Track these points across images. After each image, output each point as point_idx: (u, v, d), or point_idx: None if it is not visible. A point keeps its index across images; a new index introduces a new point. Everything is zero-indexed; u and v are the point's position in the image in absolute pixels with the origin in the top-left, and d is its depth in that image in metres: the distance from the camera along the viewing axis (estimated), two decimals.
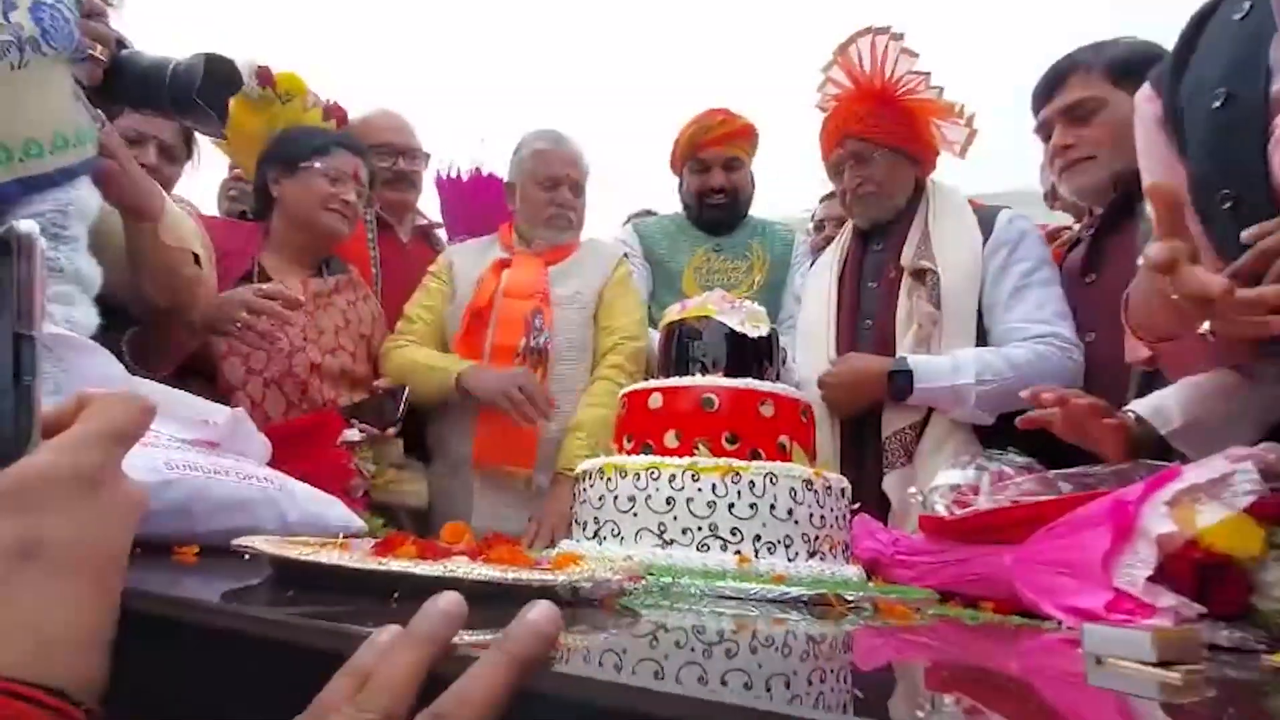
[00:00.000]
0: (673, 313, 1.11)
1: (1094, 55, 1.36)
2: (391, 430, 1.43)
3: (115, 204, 1.09)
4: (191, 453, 0.83)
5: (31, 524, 0.31)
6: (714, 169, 1.88)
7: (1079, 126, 1.35)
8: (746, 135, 1.91)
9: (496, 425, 1.54)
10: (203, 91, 1.09)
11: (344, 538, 0.72)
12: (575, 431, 1.57)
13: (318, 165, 1.48)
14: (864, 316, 1.56)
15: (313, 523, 0.89)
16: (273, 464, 1.19)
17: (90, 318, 0.94)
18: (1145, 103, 1.01)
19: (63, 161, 0.92)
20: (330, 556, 0.51)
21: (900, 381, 1.41)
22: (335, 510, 0.96)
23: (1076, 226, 1.67)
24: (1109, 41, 1.38)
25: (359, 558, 0.54)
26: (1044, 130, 1.41)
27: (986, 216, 1.53)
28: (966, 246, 1.48)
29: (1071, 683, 0.52)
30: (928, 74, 1.51)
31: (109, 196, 1.05)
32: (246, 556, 0.65)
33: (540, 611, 0.33)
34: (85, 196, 0.96)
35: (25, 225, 0.35)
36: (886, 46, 1.51)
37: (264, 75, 1.66)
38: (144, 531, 0.37)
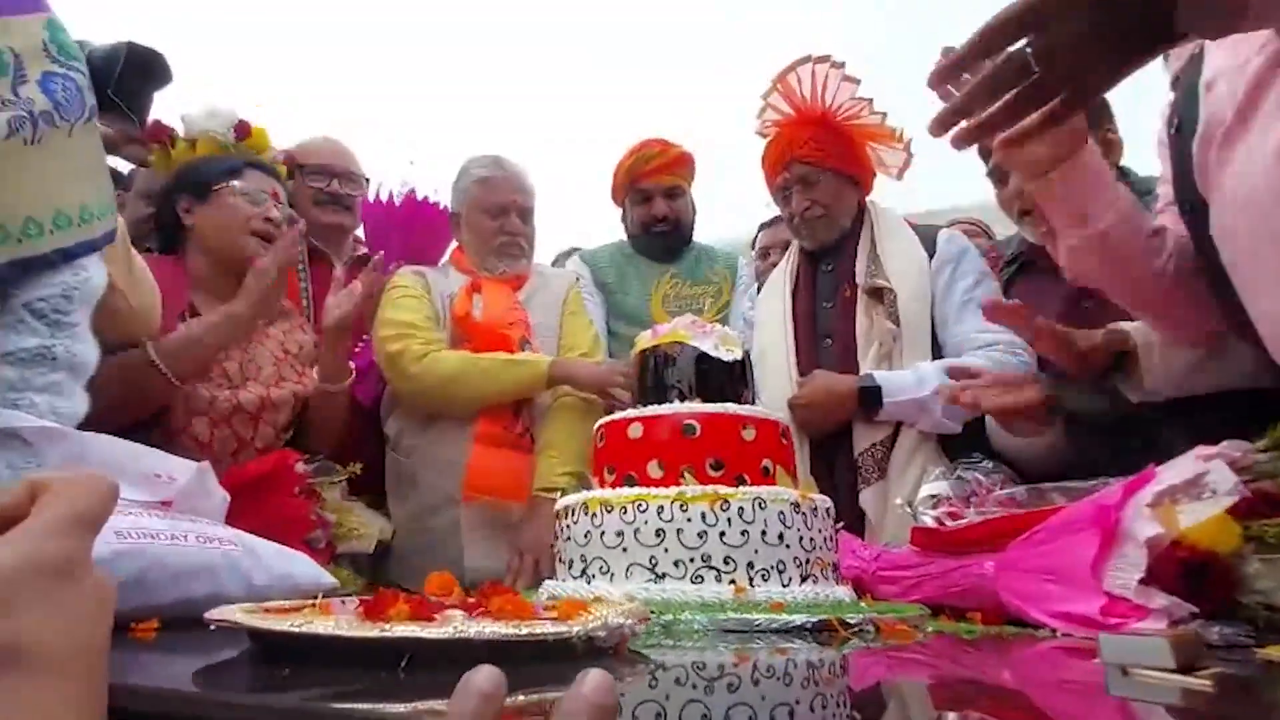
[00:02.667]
0: (645, 339, 1.09)
1: None
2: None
3: None
4: (145, 517, 0.75)
5: (5, 629, 0.28)
6: (656, 198, 1.88)
7: None
8: (684, 163, 1.92)
9: (489, 454, 1.46)
10: (120, 87, 1.00)
11: (322, 598, 0.67)
12: (548, 451, 1.51)
13: (235, 184, 1.37)
14: (823, 336, 1.58)
15: (280, 584, 0.83)
16: (229, 520, 1.11)
17: (78, 405, 0.86)
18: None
19: (62, 242, 0.85)
20: (323, 625, 0.47)
21: (869, 398, 1.43)
22: (303, 568, 0.90)
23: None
24: None
25: (352, 623, 0.50)
26: (998, 174, 1.46)
27: (927, 235, 1.59)
28: (914, 264, 1.54)
29: (1094, 695, 0.52)
30: (870, 100, 1.56)
31: None
32: (213, 627, 0.60)
33: (595, 684, 0.30)
34: (92, 278, 0.90)
35: None
36: (827, 74, 1.55)
37: (242, 129, 1.55)
38: None
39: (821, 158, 1.58)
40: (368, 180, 1.85)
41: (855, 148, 1.61)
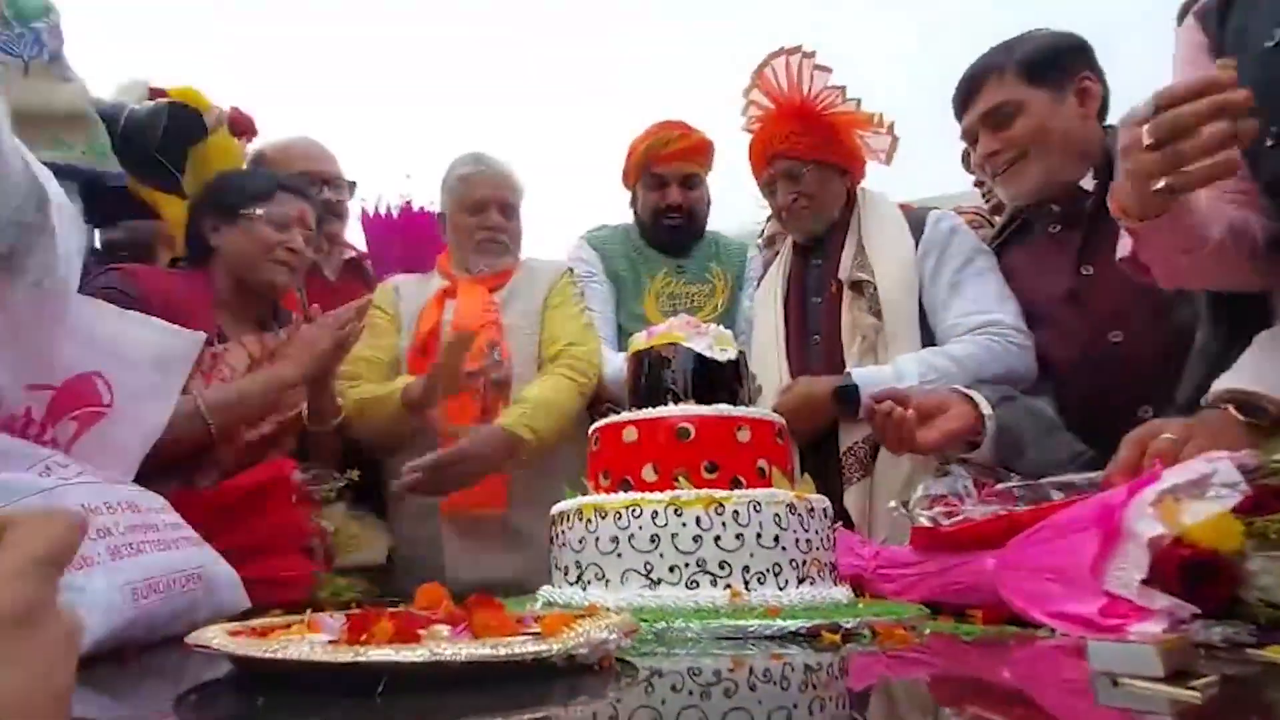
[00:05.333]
0: (639, 341, 1.09)
1: (1005, 57, 1.33)
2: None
3: None
4: (150, 553, 0.76)
5: None
6: (671, 185, 1.76)
7: (1002, 130, 1.32)
8: (704, 151, 1.81)
9: None
10: (164, 146, 1.01)
11: (312, 614, 0.67)
12: (520, 402, 1.50)
13: (260, 212, 1.35)
14: (811, 332, 1.55)
15: (219, 612, 0.86)
16: (225, 528, 1.11)
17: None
18: (1190, 32, 1.02)
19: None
20: (298, 650, 0.46)
21: (847, 397, 1.39)
22: (232, 594, 0.92)
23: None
24: (1018, 39, 1.33)
25: (330, 647, 0.49)
26: (969, 137, 1.41)
27: (916, 220, 1.54)
28: (900, 253, 1.49)
29: (1088, 698, 0.51)
30: (843, 88, 1.52)
31: None
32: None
33: None
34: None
35: None
36: (800, 64, 1.52)
37: (158, 98, 1.46)
38: None
39: (803, 150, 1.55)
40: (354, 184, 1.85)
41: (839, 136, 1.57)
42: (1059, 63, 1.32)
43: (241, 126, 1.63)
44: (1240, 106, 0.72)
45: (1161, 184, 0.77)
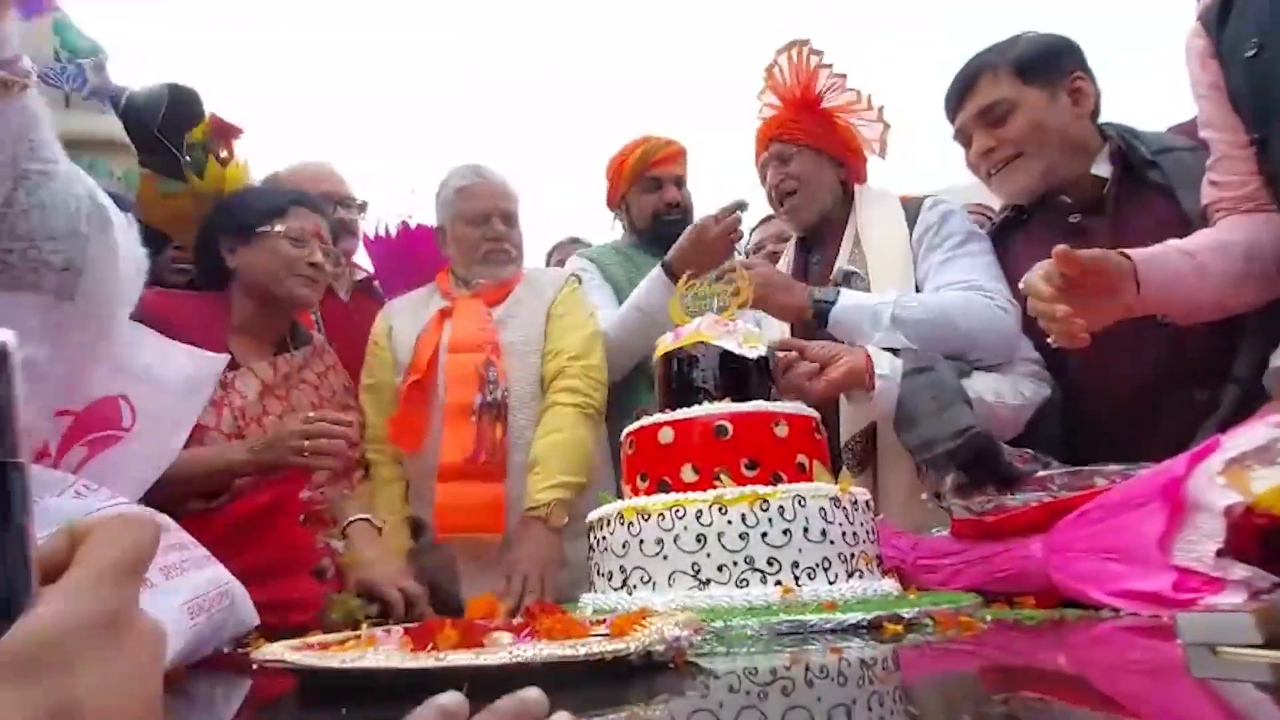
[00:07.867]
0: (666, 342, 1.08)
1: (999, 56, 1.32)
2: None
3: None
4: (198, 570, 0.75)
5: (61, 687, 0.27)
6: (667, 185, 1.83)
7: (997, 128, 1.31)
8: (685, 157, 1.93)
9: (455, 489, 1.40)
10: (164, 126, 1.00)
11: (367, 630, 0.65)
12: (533, 468, 1.44)
13: (278, 229, 1.32)
14: (814, 328, 1.55)
15: (240, 629, 0.85)
16: (232, 551, 1.08)
17: None
18: (1195, 38, 1.05)
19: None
20: (375, 659, 0.45)
21: (821, 313, 1.35)
22: (246, 608, 0.89)
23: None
24: (1010, 40, 1.34)
25: (403, 654, 0.48)
26: (963, 136, 1.40)
27: (911, 207, 1.52)
28: (894, 242, 1.48)
29: (1172, 676, 0.50)
30: (844, 76, 1.54)
31: None
32: (255, 666, 0.58)
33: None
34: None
35: (1, 334, 0.30)
36: (805, 56, 1.55)
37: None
38: None
39: (794, 135, 1.55)
40: (364, 203, 1.85)
41: (834, 127, 1.57)
42: (1052, 62, 1.32)
43: (226, 131, 1.57)
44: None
45: (1050, 339, 0.95)
